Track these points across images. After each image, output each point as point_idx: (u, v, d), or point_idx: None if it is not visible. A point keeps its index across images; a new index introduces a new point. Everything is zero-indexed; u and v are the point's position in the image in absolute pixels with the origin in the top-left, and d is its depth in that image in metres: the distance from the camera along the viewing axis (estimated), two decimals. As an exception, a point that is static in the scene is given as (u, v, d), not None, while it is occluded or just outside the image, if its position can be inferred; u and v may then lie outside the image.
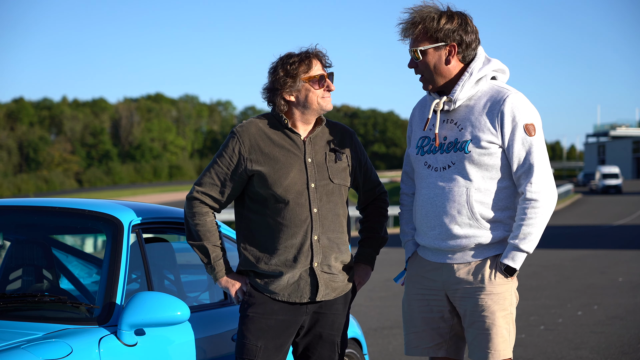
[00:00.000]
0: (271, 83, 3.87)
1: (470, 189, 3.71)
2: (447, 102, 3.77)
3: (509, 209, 3.76)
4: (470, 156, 3.70)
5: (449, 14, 3.74)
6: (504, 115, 3.67)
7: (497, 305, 3.72)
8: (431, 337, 3.85)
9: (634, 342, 8.45)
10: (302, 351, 3.95)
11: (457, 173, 3.72)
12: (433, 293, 3.83)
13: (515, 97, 3.70)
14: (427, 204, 3.78)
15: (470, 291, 3.73)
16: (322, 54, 3.89)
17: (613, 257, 18.73)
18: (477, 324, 3.72)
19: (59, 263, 4.63)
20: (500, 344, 3.71)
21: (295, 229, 3.80)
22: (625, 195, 58.71)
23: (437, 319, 3.84)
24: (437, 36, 3.72)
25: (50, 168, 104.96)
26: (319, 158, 3.89)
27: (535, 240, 3.70)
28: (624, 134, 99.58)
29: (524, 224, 3.67)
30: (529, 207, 3.67)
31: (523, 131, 3.67)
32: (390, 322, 10.01)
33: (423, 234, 3.83)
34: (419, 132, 3.89)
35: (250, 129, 3.87)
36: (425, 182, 3.81)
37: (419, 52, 3.74)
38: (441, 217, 3.74)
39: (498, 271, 3.72)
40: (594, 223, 34.21)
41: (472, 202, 3.70)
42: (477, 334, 3.73)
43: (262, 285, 3.84)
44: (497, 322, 3.71)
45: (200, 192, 3.86)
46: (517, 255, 3.69)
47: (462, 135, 3.73)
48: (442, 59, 3.74)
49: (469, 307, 3.73)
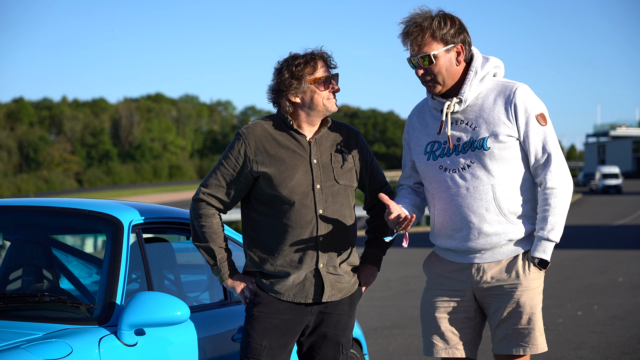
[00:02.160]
0: (276, 84, 3.87)
1: (495, 185, 3.72)
2: (457, 103, 3.77)
3: (530, 201, 3.78)
4: (491, 152, 3.71)
5: (448, 16, 3.76)
6: (517, 107, 3.71)
7: (534, 300, 3.76)
8: (454, 338, 3.85)
9: (634, 342, 8.45)
10: (306, 350, 3.95)
11: (479, 171, 3.73)
12: (459, 294, 3.83)
13: (523, 89, 3.76)
14: (450, 206, 3.77)
15: (505, 289, 3.74)
16: (327, 55, 3.89)
17: (613, 257, 18.73)
18: (513, 320, 3.75)
19: (59, 263, 4.63)
20: (539, 337, 3.77)
21: (300, 230, 3.81)
22: (625, 195, 58.72)
23: (461, 319, 3.84)
24: (446, 39, 3.73)
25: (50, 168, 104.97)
26: (324, 159, 3.89)
27: (561, 229, 3.75)
28: (624, 134, 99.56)
29: (549, 214, 3.71)
30: (551, 196, 3.71)
31: (536, 121, 3.72)
32: (390, 322, 10.01)
33: (447, 237, 3.81)
34: (424, 138, 3.87)
35: (256, 131, 3.87)
36: (443, 185, 3.79)
37: (432, 57, 3.74)
38: (469, 217, 3.73)
39: (532, 265, 3.75)
40: (594, 223, 34.21)
41: (498, 198, 3.71)
42: (514, 330, 3.75)
43: (268, 285, 3.84)
44: (535, 318, 3.76)
45: (207, 193, 3.86)
46: (548, 246, 3.74)
47: (477, 134, 3.74)
48: (453, 61, 3.76)
49: (504, 304, 3.75)
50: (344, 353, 3.96)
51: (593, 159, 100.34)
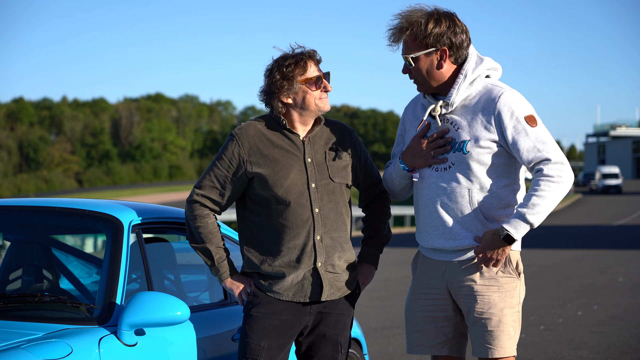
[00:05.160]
0: (267, 86, 3.86)
1: (472, 190, 3.70)
2: (443, 106, 3.76)
3: (509, 206, 3.75)
4: (470, 156, 3.69)
5: (436, 17, 3.71)
6: (502, 112, 3.66)
7: (504, 302, 3.72)
8: (435, 336, 3.85)
9: (634, 342, 8.45)
10: (305, 350, 3.95)
11: (458, 173, 3.72)
12: (436, 292, 3.83)
13: (509, 94, 3.69)
14: (429, 204, 3.78)
15: (477, 289, 3.73)
16: (314, 52, 3.87)
17: (613, 257, 18.72)
18: (482, 321, 3.72)
19: (59, 263, 4.63)
20: (506, 341, 3.72)
21: (297, 229, 3.80)
22: (625, 195, 58.69)
23: (441, 318, 3.84)
24: (426, 42, 3.70)
25: (50, 168, 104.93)
26: (318, 157, 3.88)
27: (542, 215, 3.63)
28: (624, 134, 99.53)
29: (535, 194, 3.60)
30: (544, 180, 3.62)
31: (525, 123, 3.65)
32: (390, 322, 10.01)
33: (426, 234, 3.82)
34: (414, 132, 3.88)
35: (249, 131, 3.86)
36: (426, 182, 3.80)
37: (411, 59, 3.73)
38: (444, 218, 3.73)
39: (491, 236, 3.63)
40: (594, 223, 34.19)
41: (474, 202, 3.70)
42: (483, 331, 3.72)
43: (267, 286, 3.84)
44: (504, 320, 3.72)
45: (201, 195, 3.86)
46: (521, 224, 3.62)
47: (459, 136, 3.72)
48: (434, 64, 3.73)
49: (475, 305, 3.73)
50: (342, 352, 3.96)
51: (593, 159, 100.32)
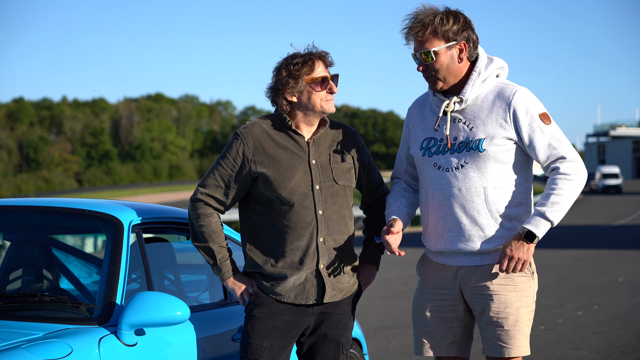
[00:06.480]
0: (274, 83, 3.86)
1: (487, 188, 3.71)
2: (457, 102, 3.77)
3: (523, 205, 3.76)
4: (486, 154, 3.70)
5: (453, 13, 3.75)
6: (517, 110, 3.69)
7: (520, 302, 3.73)
8: (444, 337, 3.85)
9: (634, 342, 8.45)
10: (306, 351, 3.95)
11: (473, 172, 3.71)
12: (447, 292, 3.83)
13: (523, 92, 3.74)
14: (443, 205, 3.76)
15: (493, 288, 3.73)
16: (325, 54, 3.88)
17: (613, 257, 18.72)
18: (499, 321, 3.72)
19: (59, 263, 4.63)
20: (522, 340, 3.73)
21: (300, 231, 3.80)
22: (625, 195, 58.69)
23: (451, 318, 3.84)
24: (448, 35, 3.72)
25: (50, 168, 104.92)
26: (323, 159, 3.88)
27: (562, 212, 3.67)
28: (624, 134, 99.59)
29: (554, 193, 3.65)
30: (561, 178, 3.66)
31: (540, 121, 3.69)
32: (390, 322, 10.01)
33: (438, 236, 3.80)
34: (421, 133, 3.87)
35: (254, 130, 3.86)
36: (437, 183, 3.79)
37: (433, 54, 3.74)
38: (460, 219, 3.73)
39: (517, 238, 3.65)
40: (594, 223, 34.19)
41: (490, 201, 3.70)
42: (499, 331, 3.73)
43: (269, 287, 3.84)
44: (520, 319, 3.73)
45: (204, 193, 3.86)
46: (542, 222, 3.65)
47: (474, 134, 3.73)
48: (454, 58, 3.75)
49: (491, 304, 3.73)
50: (344, 353, 3.96)
51: (593, 159, 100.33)
